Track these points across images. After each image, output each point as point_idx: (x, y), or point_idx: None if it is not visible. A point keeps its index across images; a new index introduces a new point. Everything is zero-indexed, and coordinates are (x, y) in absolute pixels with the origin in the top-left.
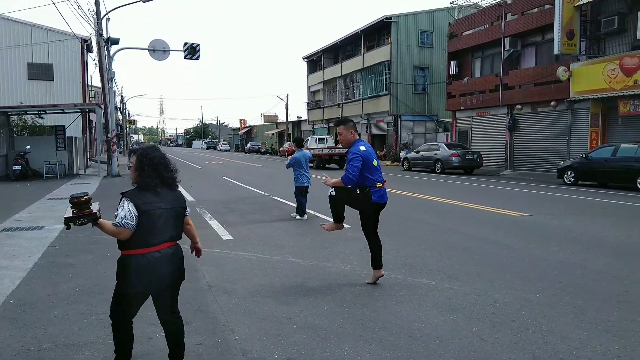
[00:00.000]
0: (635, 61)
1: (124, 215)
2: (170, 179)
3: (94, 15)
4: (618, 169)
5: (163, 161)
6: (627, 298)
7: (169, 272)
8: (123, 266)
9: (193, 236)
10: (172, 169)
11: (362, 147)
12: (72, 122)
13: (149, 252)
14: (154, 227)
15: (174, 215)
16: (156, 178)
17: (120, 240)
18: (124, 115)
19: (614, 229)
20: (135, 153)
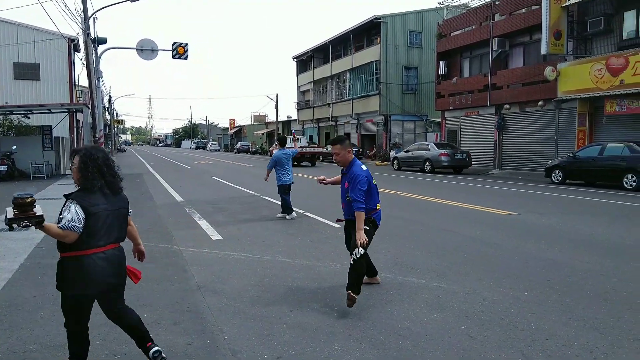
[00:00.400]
0: (621, 61)
1: (71, 218)
2: (114, 183)
3: (81, 14)
4: (605, 167)
5: (107, 162)
6: (614, 296)
7: (115, 273)
8: (69, 268)
9: (135, 237)
10: (116, 173)
11: (363, 166)
12: (59, 122)
13: (95, 253)
14: (101, 229)
15: (120, 216)
16: (101, 179)
17: (64, 242)
18: (112, 115)
19: (602, 227)
20: (78, 154)
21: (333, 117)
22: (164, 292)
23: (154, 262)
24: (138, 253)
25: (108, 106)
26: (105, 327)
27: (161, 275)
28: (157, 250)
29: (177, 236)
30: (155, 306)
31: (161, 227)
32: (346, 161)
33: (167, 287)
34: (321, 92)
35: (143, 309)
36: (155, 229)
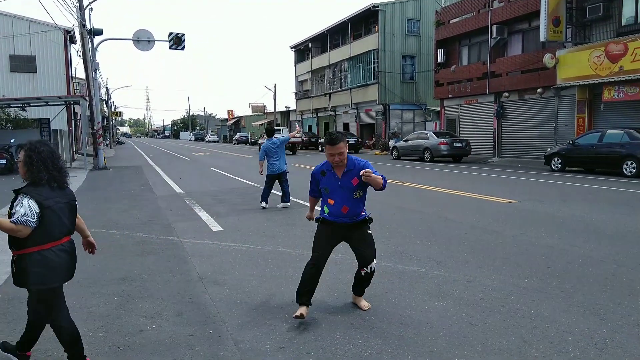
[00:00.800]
0: (620, 47)
1: (24, 213)
2: (60, 177)
3: (77, 5)
4: (604, 154)
5: (52, 156)
6: (613, 281)
7: (71, 264)
8: (34, 264)
9: (83, 230)
10: (61, 166)
11: None
12: (56, 114)
13: (56, 246)
14: (56, 222)
15: (70, 209)
16: (46, 173)
17: (18, 238)
18: (110, 107)
19: (601, 214)
20: (23, 148)
21: (332, 107)
22: (166, 283)
23: (155, 254)
24: (88, 245)
25: (105, 98)
26: (108, 319)
27: (162, 267)
28: (158, 242)
29: (177, 228)
30: (157, 297)
31: (161, 219)
32: (345, 159)
33: (169, 279)
34: (319, 81)
35: (145, 301)
36: (156, 221)
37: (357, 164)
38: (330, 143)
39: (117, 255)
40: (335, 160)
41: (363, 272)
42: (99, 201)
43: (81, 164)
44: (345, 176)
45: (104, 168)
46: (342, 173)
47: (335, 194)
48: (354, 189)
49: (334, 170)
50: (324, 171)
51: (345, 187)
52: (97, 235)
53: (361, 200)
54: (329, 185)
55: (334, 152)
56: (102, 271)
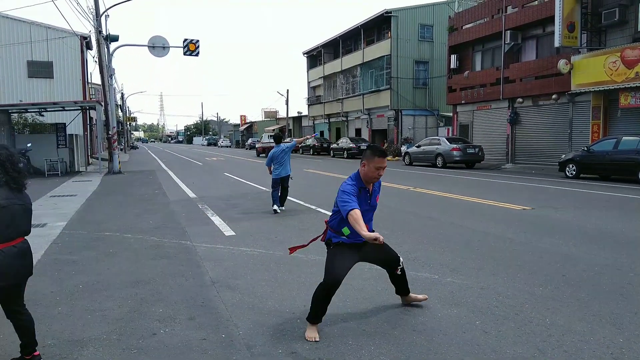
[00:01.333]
0: (636, 53)
1: None
2: (18, 179)
3: (93, 12)
4: (620, 161)
5: (10, 159)
6: (630, 290)
7: (25, 265)
8: None
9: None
10: (20, 169)
11: None
12: (72, 119)
13: (7, 246)
14: (12, 222)
15: (25, 211)
16: (5, 175)
17: None
18: (125, 112)
19: (617, 222)
20: None
21: (344, 112)
22: (179, 287)
23: (168, 258)
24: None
25: (120, 103)
26: (122, 322)
27: (175, 270)
28: (171, 246)
29: (190, 232)
30: (170, 301)
31: (174, 223)
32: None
33: (182, 283)
34: (331, 87)
35: (158, 305)
36: (169, 225)
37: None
38: (380, 155)
39: (130, 259)
40: (379, 174)
41: (398, 271)
42: (113, 205)
43: (96, 168)
44: (374, 195)
45: (119, 172)
46: (371, 192)
47: (364, 214)
48: (376, 207)
49: (368, 188)
50: (361, 189)
51: (373, 206)
52: (111, 239)
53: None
54: (361, 204)
55: (382, 166)
56: (116, 275)
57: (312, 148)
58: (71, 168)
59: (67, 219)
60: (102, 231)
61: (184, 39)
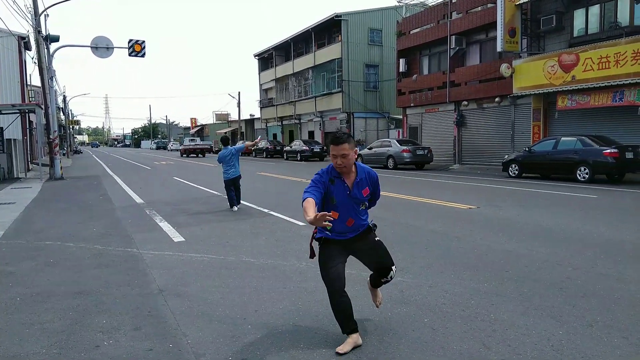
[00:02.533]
0: (572, 57)
1: None
2: None
3: (32, 11)
4: (559, 161)
5: None
6: (569, 284)
7: None
8: None
9: None
10: None
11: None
12: (10, 123)
13: None
14: None
15: None
16: None
17: None
18: (67, 115)
19: (557, 219)
20: None
21: (296, 115)
22: (124, 297)
23: (112, 266)
24: None
25: (62, 106)
26: (63, 335)
27: (120, 279)
28: (116, 254)
29: (137, 239)
30: (114, 312)
31: (120, 230)
32: (352, 166)
33: (127, 292)
34: (284, 90)
35: (102, 316)
36: (114, 232)
37: (368, 172)
38: (333, 142)
39: (72, 268)
40: (337, 163)
41: (383, 280)
42: (54, 213)
43: (37, 174)
44: (357, 187)
45: (61, 178)
46: (353, 183)
47: (342, 206)
48: (363, 200)
49: (344, 179)
50: (333, 179)
51: (355, 199)
52: (52, 248)
53: (366, 211)
54: (337, 195)
55: (336, 154)
56: (56, 285)
57: (265, 151)
58: (9, 174)
59: (4, 229)
60: (42, 240)
61: (129, 40)
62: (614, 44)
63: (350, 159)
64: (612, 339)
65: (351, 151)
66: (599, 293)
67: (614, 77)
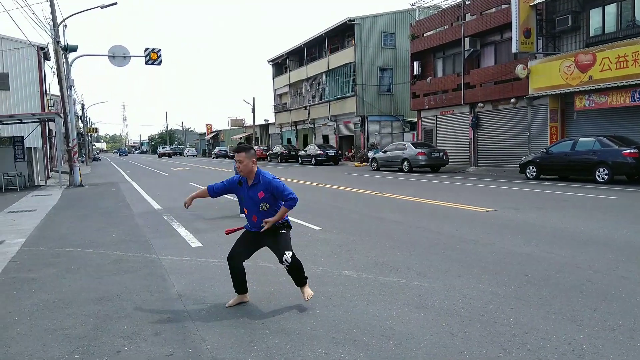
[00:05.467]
0: (589, 57)
1: None
2: None
3: (50, 22)
4: (577, 162)
5: None
6: (589, 287)
7: None
8: None
9: None
10: None
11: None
12: (30, 132)
13: None
14: None
15: None
16: None
17: None
18: (85, 123)
19: (576, 221)
20: None
21: (310, 119)
22: (144, 302)
23: (132, 272)
24: None
25: (81, 114)
26: (84, 341)
27: (140, 285)
28: (135, 260)
29: (155, 245)
30: (134, 317)
31: (139, 236)
32: (251, 172)
33: (147, 298)
34: (298, 94)
35: (122, 321)
36: (133, 238)
37: (263, 178)
38: (234, 150)
39: (93, 274)
40: (236, 166)
41: (284, 266)
42: (74, 219)
43: (56, 182)
44: (252, 188)
45: (80, 185)
46: (250, 185)
47: (246, 203)
48: (259, 201)
49: (247, 182)
50: (241, 181)
51: (252, 198)
52: (73, 255)
53: (269, 213)
54: (243, 194)
55: (235, 159)
56: (78, 292)
57: (279, 156)
58: (30, 182)
59: (26, 236)
60: (63, 247)
61: (146, 48)
62: (631, 42)
63: (246, 165)
64: (635, 342)
65: (247, 159)
66: (621, 296)
67: (633, 77)
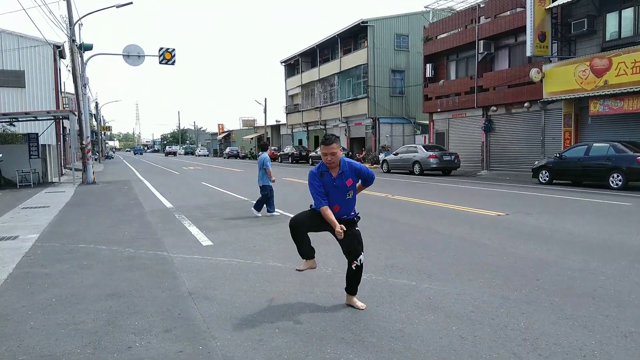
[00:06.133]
0: (604, 62)
1: None
2: None
3: (67, 21)
4: (591, 167)
5: None
6: (601, 293)
7: None
8: None
9: None
10: None
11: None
12: (45, 129)
13: None
14: None
15: None
16: None
17: None
18: (99, 121)
19: (589, 226)
20: None
21: (322, 120)
22: (155, 299)
23: (143, 269)
24: None
25: (95, 113)
26: (96, 336)
27: (151, 282)
28: (147, 257)
29: (167, 243)
30: (145, 314)
31: (151, 234)
32: (339, 160)
33: (158, 295)
34: (310, 96)
35: (134, 317)
36: (145, 236)
37: (350, 165)
38: (323, 143)
39: (105, 271)
40: (327, 159)
41: (354, 266)
42: (87, 216)
43: (70, 179)
44: (340, 177)
45: (93, 183)
46: (337, 174)
47: (330, 194)
48: (348, 189)
49: (330, 171)
50: (323, 172)
51: (339, 187)
52: (85, 251)
53: (352, 201)
54: (326, 185)
55: (327, 152)
56: (90, 287)
57: (290, 156)
58: (44, 179)
59: (40, 231)
60: (75, 243)
61: (160, 48)
62: None
63: (338, 156)
64: None
65: (338, 150)
66: (634, 302)
67: None
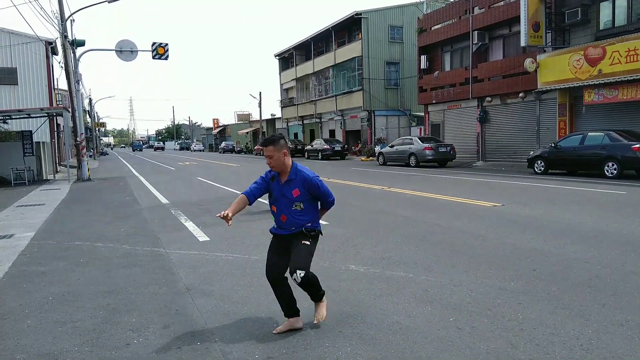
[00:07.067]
0: (598, 51)
1: None
2: None
3: (58, 17)
4: (586, 156)
5: None
6: (598, 283)
7: None
8: None
9: None
10: None
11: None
12: (39, 126)
13: None
14: None
15: None
16: None
17: None
18: (93, 117)
19: (584, 216)
20: None
21: (317, 114)
22: (152, 295)
23: (140, 266)
24: None
25: (88, 109)
26: (94, 333)
27: (148, 279)
28: (144, 253)
29: (163, 239)
30: (143, 310)
31: (147, 231)
32: (284, 165)
33: (155, 291)
34: (304, 89)
35: (131, 314)
36: (141, 232)
37: (301, 175)
38: (261, 144)
39: (102, 268)
40: (267, 162)
41: (294, 281)
42: (83, 214)
43: (64, 176)
44: (287, 185)
45: (88, 180)
46: (284, 181)
47: (277, 201)
48: (294, 200)
49: (279, 177)
50: (274, 176)
51: (285, 195)
52: (81, 249)
53: (303, 213)
54: (274, 191)
55: (265, 154)
56: (87, 285)
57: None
58: (39, 176)
59: (35, 229)
60: (71, 241)
61: (153, 43)
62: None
63: (276, 160)
64: None
65: (276, 152)
66: (630, 292)
67: None
